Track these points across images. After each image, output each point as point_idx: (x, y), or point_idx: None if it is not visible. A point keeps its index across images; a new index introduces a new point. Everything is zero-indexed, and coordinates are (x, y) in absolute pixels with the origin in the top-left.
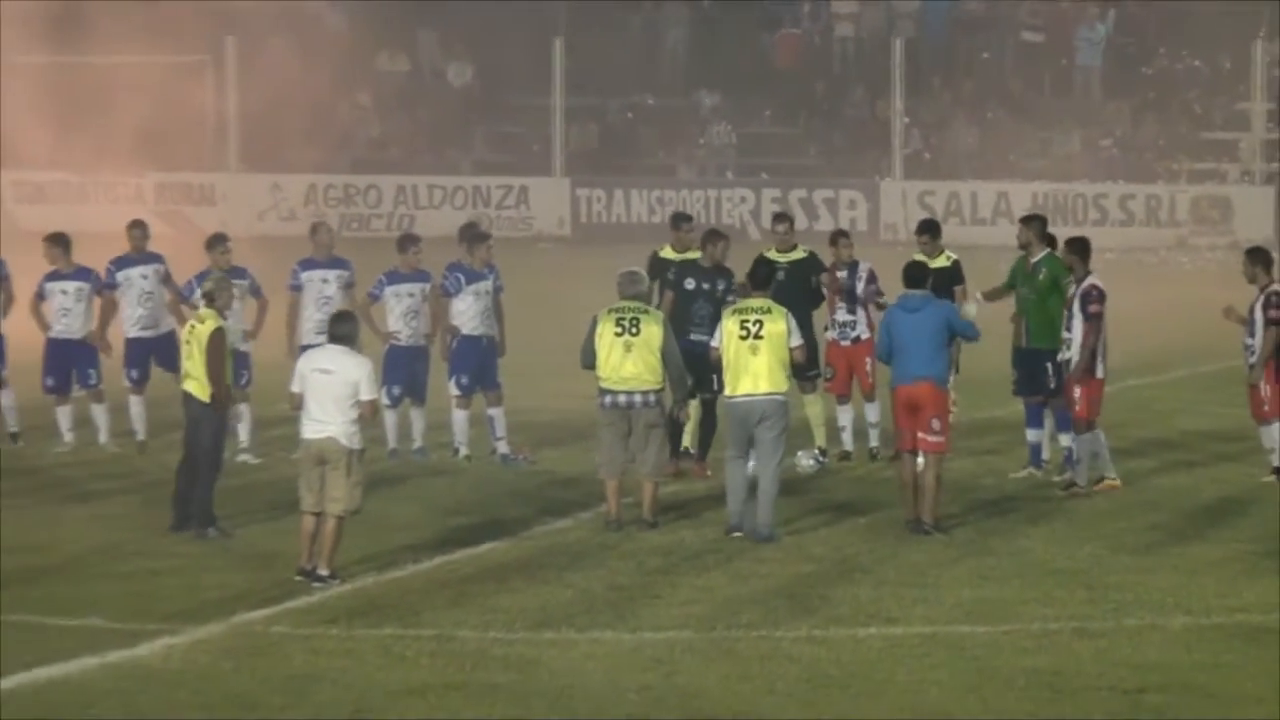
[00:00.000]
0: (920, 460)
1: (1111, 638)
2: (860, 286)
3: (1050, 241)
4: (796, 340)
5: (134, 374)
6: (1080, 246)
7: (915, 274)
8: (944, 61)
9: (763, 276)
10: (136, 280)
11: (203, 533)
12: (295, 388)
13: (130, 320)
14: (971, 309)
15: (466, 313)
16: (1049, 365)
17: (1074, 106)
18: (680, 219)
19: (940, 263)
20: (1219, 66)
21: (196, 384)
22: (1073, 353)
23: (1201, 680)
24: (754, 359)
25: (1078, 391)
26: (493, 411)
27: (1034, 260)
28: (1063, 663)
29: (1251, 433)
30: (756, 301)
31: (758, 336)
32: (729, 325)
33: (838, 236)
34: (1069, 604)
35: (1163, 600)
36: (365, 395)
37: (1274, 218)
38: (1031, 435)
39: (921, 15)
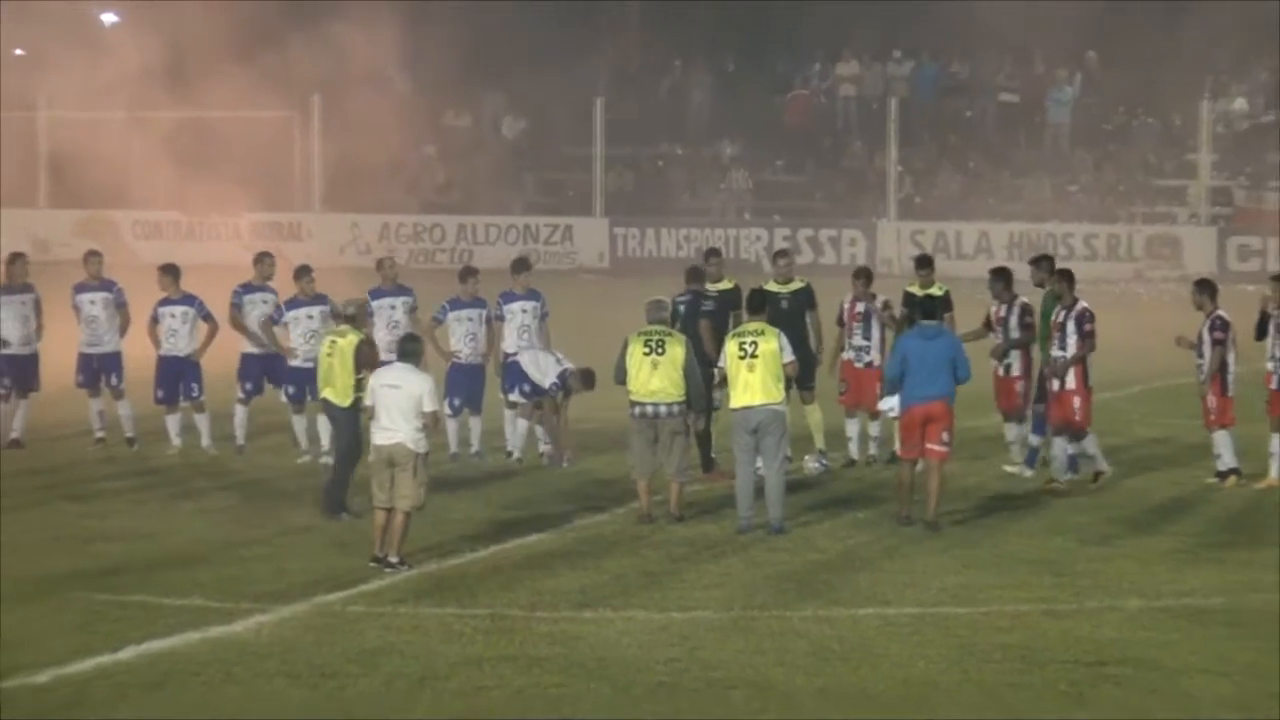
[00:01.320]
0: (920, 465)
1: (1075, 618)
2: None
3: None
4: (789, 357)
5: (248, 387)
6: (1067, 276)
7: (930, 307)
8: (932, 119)
9: (757, 304)
10: (259, 305)
11: (337, 516)
12: (368, 401)
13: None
14: None
15: (528, 330)
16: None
17: (1045, 157)
18: (711, 254)
19: (934, 292)
20: (1170, 123)
21: (334, 391)
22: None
23: (1153, 655)
24: (751, 375)
25: (1077, 401)
26: (517, 419)
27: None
28: (1033, 639)
29: (1199, 439)
30: (753, 325)
31: (754, 355)
32: (730, 346)
33: (861, 273)
34: (1039, 589)
35: (1120, 585)
36: (428, 407)
37: (1216, 254)
38: (1035, 439)
39: (913, 78)
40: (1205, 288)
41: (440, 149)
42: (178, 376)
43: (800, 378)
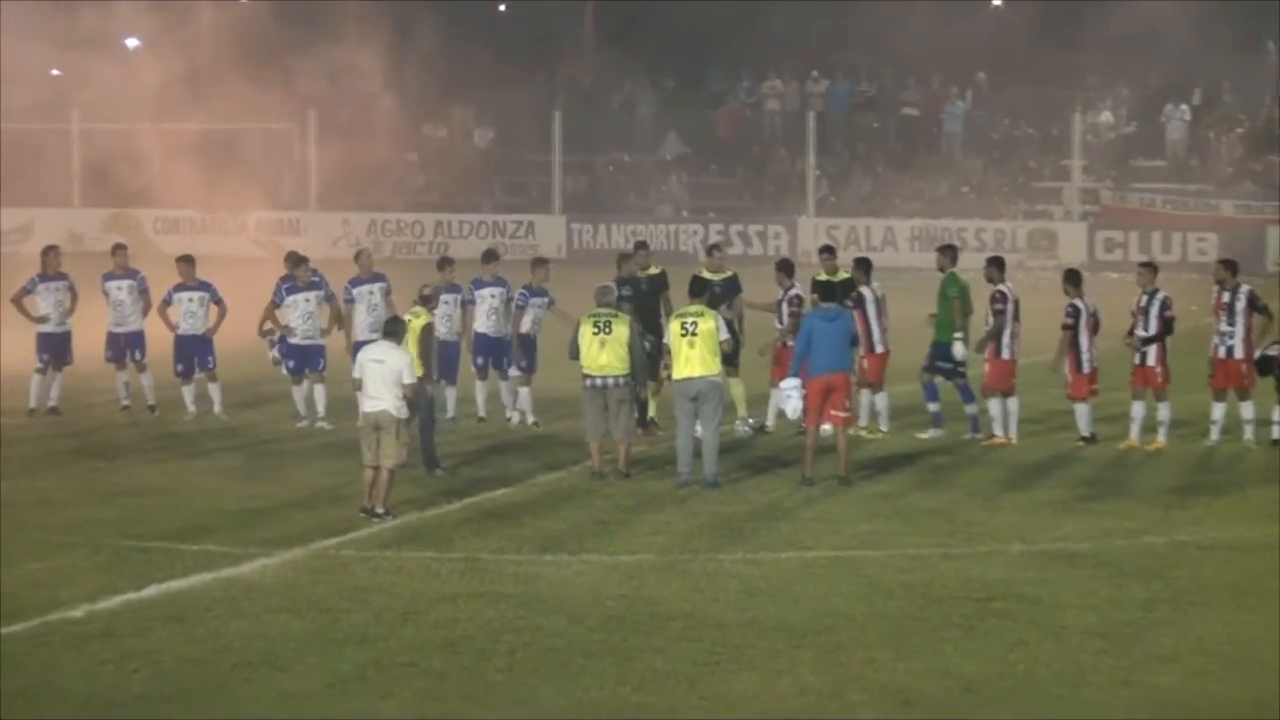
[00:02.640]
0: (827, 429)
1: (966, 560)
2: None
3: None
4: (724, 335)
5: (289, 364)
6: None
7: (829, 291)
8: (845, 130)
9: (698, 289)
10: (302, 303)
11: (431, 472)
12: (356, 374)
13: (299, 330)
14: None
15: (495, 313)
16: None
17: (941, 163)
18: (639, 246)
19: (840, 276)
20: (1047, 134)
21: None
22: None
23: (1033, 592)
24: (692, 350)
25: (986, 368)
26: (503, 385)
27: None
28: (931, 578)
29: (1068, 408)
30: (693, 307)
31: (694, 333)
32: (673, 325)
33: (782, 264)
34: (935, 535)
35: (1004, 533)
36: (407, 380)
37: (1087, 246)
38: (934, 406)
39: (828, 95)
40: (1072, 277)
41: (420, 156)
42: (194, 352)
43: (729, 354)
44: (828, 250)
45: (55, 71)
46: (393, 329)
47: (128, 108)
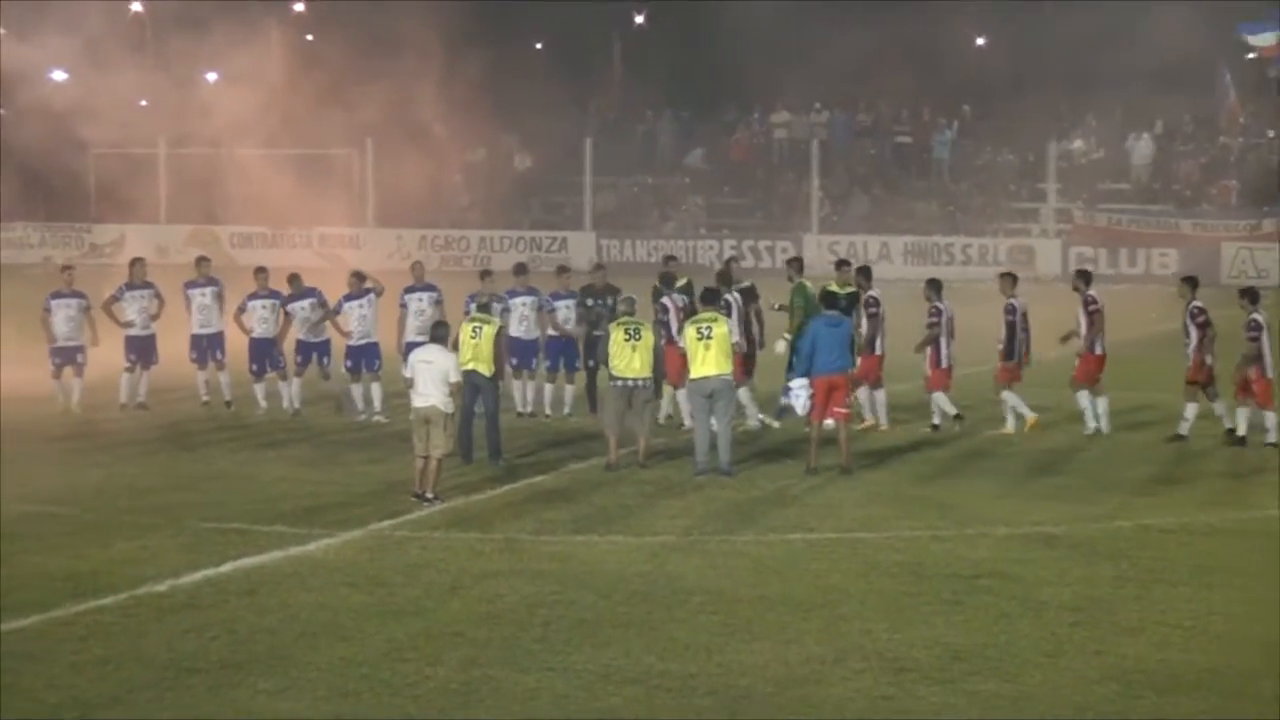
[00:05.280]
0: (829, 424)
1: (955, 542)
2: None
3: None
4: (737, 338)
5: (348, 364)
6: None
7: (834, 300)
8: (845, 156)
9: (712, 297)
10: (357, 309)
11: (496, 461)
12: (407, 373)
13: (355, 333)
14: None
15: (526, 319)
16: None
17: (931, 186)
18: (668, 260)
19: (836, 289)
20: (1025, 159)
21: (483, 365)
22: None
23: (1015, 571)
24: (708, 352)
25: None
26: (531, 384)
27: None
28: (923, 558)
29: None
30: (708, 314)
31: (709, 337)
32: (690, 330)
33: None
34: (927, 519)
35: (989, 517)
36: (453, 379)
37: (1061, 260)
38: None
39: (830, 124)
40: (1009, 280)
41: (465, 178)
42: (265, 354)
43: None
44: (845, 264)
45: (143, 102)
46: (439, 333)
47: (209, 135)
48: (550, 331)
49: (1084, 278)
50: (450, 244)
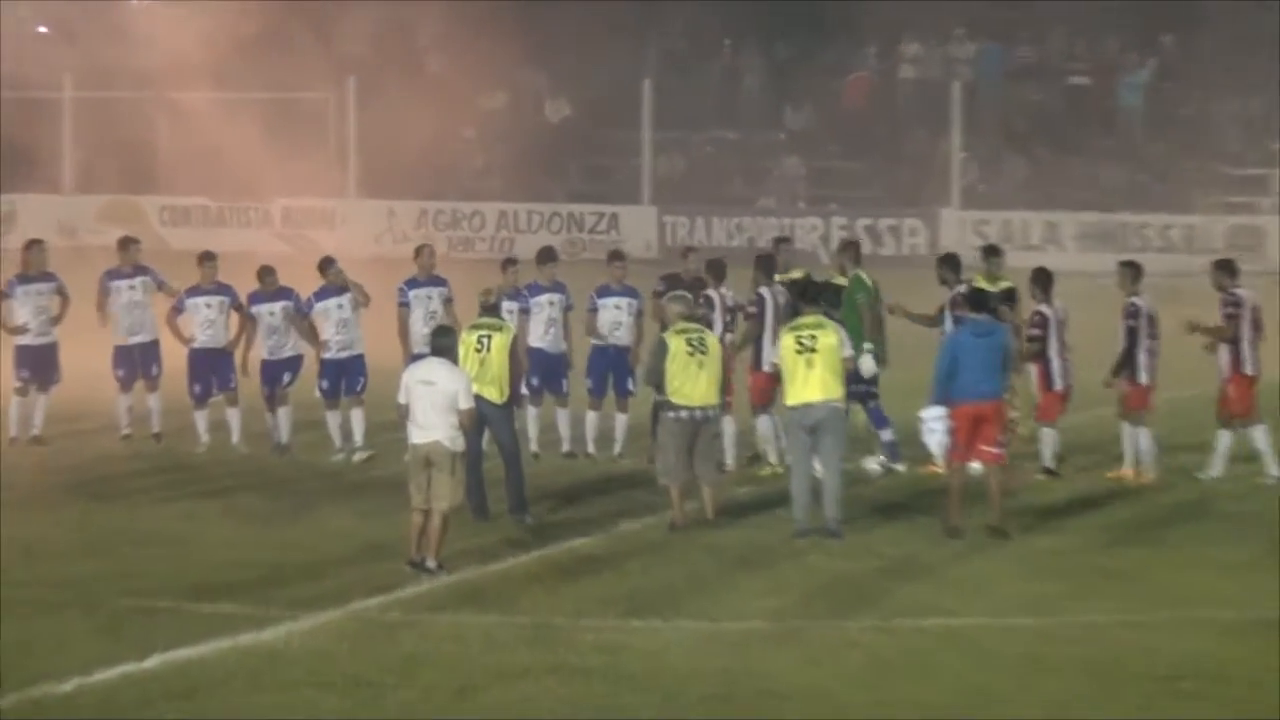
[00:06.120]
0: (975, 467)
1: (1148, 630)
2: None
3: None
4: (848, 352)
5: (323, 385)
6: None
7: (982, 301)
8: (998, 103)
9: (812, 294)
10: (335, 310)
11: (521, 518)
12: (402, 399)
13: (333, 343)
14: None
15: (554, 325)
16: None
17: (1117, 145)
18: (780, 241)
19: (1002, 285)
20: (1251, 109)
21: (491, 388)
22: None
23: (1231, 669)
24: (810, 371)
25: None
26: (560, 412)
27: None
28: (1104, 652)
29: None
30: (810, 318)
31: (812, 350)
32: (786, 341)
33: (988, 253)
34: (1112, 599)
35: (1197, 597)
36: (463, 404)
37: None
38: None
39: (978, 61)
40: (1224, 267)
41: (480, 132)
42: (212, 370)
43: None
44: (992, 251)
45: (41, 29)
46: (442, 342)
47: (133, 73)
48: (594, 340)
49: (1226, 270)
50: (458, 221)
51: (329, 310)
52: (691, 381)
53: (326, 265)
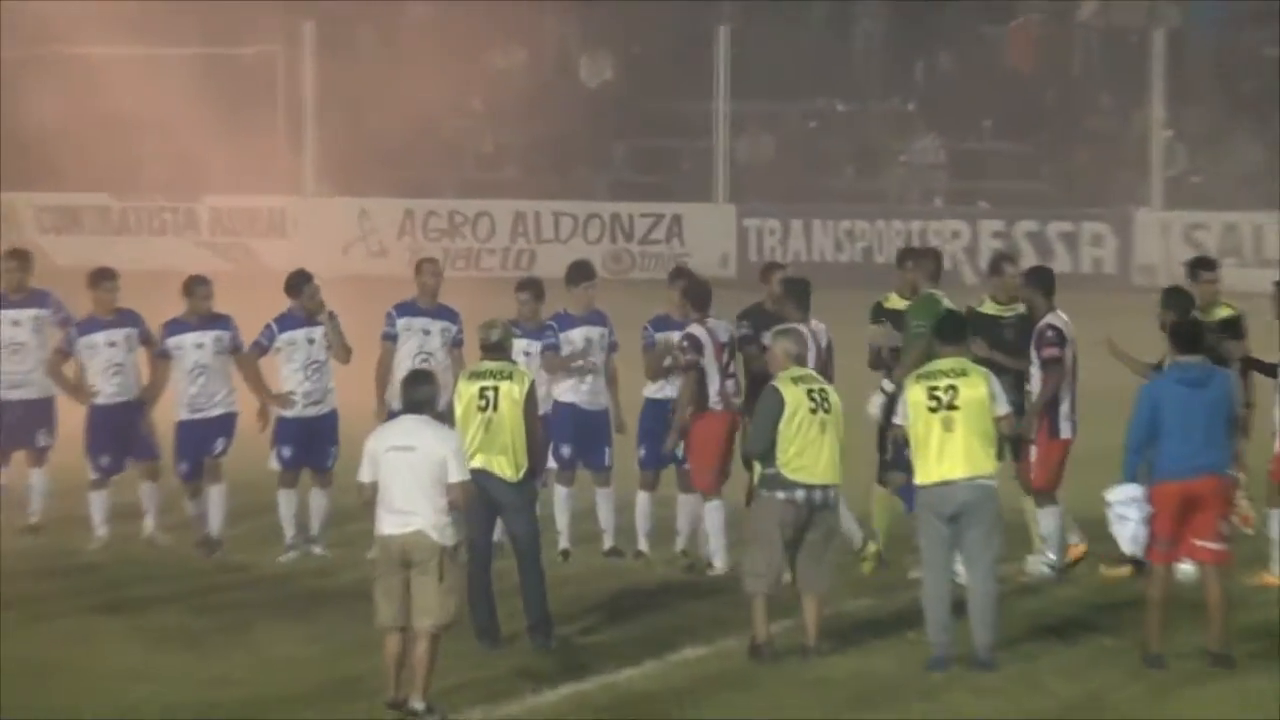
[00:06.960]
0: (1185, 568)
1: None
2: None
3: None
4: (1003, 408)
5: (283, 454)
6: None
7: (1194, 338)
8: (1215, 60)
9: (956, 332)
10: (304, 344)
11: (543, 642)
12: (365, 476)
13: (301, 395)
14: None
15: (592, 373)
16: None
17: None
18: (1002, 259)
19: (1222, 314)
20: None
21: (501, 460)
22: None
23: None
24: (949, 435)
25: (1033, 453)
26: (601, 492)
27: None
28: None
29: None
30: (948, 363)
31: (952, 406)
32: (915, 395)
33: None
34: None
35: None
36: (454, 476)
37: None
38: None
39: (1189, 4)
40: None
41: (488, 104)
42: (122, 431)
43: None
44: (1202, 265)
45: None
46: (419, 394)
47: (9, 25)
48: (648, 393)
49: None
50: (459, 226)
51: (296, 346)
52: (813, 449)
53: (299, 284)
